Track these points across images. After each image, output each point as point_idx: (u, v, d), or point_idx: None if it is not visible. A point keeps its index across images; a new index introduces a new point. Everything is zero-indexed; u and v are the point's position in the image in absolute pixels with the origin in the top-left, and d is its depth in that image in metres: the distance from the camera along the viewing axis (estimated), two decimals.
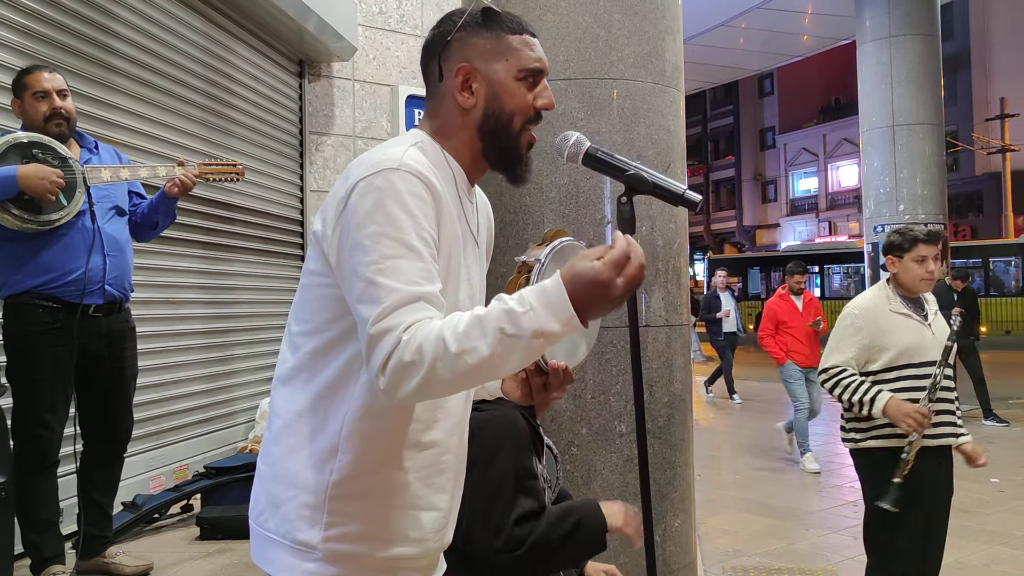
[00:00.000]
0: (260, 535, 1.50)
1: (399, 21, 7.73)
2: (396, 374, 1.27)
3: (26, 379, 3.50)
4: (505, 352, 1.25)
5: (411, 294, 1.30)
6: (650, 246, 3.42)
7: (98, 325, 3.62)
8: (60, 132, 3.55)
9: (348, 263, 1.35)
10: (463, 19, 1.53)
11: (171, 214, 3.90)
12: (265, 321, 6.49)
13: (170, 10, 5.36)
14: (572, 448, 3.35)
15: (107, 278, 3.59)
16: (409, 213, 1.35)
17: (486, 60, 1.52)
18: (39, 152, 3.44)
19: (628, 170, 1.60)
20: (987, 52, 32.90)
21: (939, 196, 10.90)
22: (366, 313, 1.30)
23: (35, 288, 3.45)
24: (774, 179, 42.83)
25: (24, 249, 3.45)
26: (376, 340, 1.28)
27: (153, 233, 3.95)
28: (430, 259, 1.36)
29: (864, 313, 3.41)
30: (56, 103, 3.55)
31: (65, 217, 3.45)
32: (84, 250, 3.51)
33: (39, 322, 3.46)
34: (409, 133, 1.57)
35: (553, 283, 1.27)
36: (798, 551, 5.02)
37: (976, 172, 32.75)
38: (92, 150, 3.74)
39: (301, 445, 1.46)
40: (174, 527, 4.75)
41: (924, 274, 3.32)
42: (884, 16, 10.97)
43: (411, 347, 1.26)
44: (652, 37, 3.51)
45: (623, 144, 3.40)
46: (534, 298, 1.26)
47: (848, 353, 3.39)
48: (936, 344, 3.32)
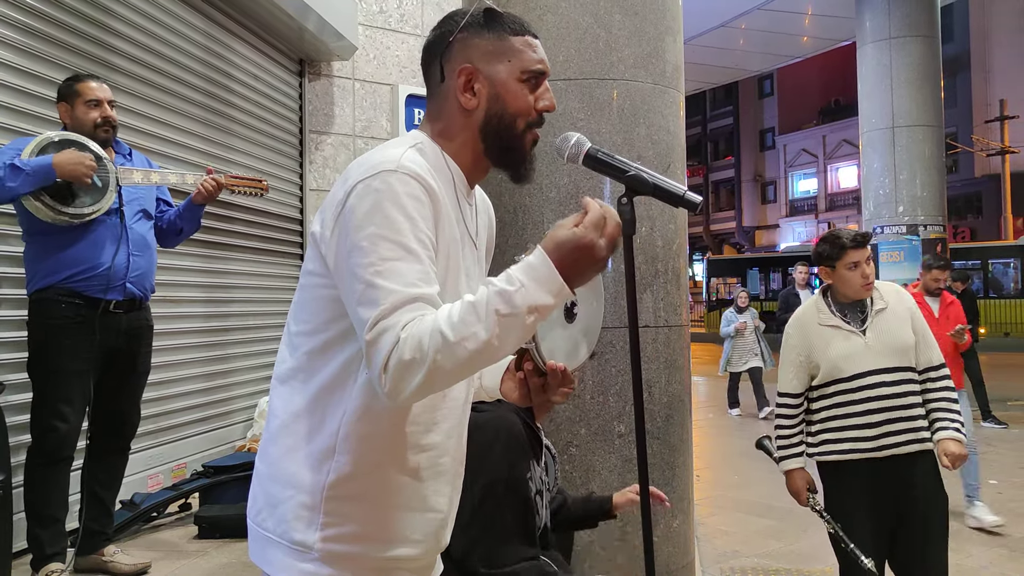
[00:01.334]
0: (258, 534, 1.50)
1: (399, 20, 7.73)
2: (398, 373, 1.27)
3: (46, 371, 3.58)
4: (503, 333, 1.28)
5: (409, 296, 1.31)
6: (650, 247, 3.42)
7: (118, 321, 3.71)
8: (107, 138, 3.74)
9: (346, 265, 1.35)
10: (465, 20, 1.53)
11: (196, 221, 4.05)
12: (264, 320, 6.48)
13: (170, 9, 5.35)
14: (571, 448, 3.35)
15: (129, 275, 3.70)
16: (407, 215, 1.35)
17: (488, 61, 1.52)
18: (76, 149, 3.55)
19: (628, 171, 1.60)
20: (987, 54, 32.92)
21: (938, 198, 10.91)
22: (365, 315, 1.30)
23: (59, 282, 3.55)
24: (774, 180, 42.86)
25: (54, 243, 3.55)
26: (375, 342, 1.29)
27: (178, 239, 4.10)
28: (428, 261, 1.36)
29: (796, 330, 3.27)
30: (107, 112, 3.75)
31: (97, 212, 3.57)
32: (111, 246, 3.63)
33: (61, 316, 3.55)
34: (409, 135, 1.56)
35: (538, 257, 1.31)
36: (796, 552, 5.02)
37: (976, 174, 32.78)
38: (126, 156, 3.90)
39: (298, 445, 1.46)
40: (172, 526, 4.75)
41: (860, 279, 3.13)
42: (884, 18, 10.98)
43: (410, 344, 1.26)
44: (652, 38, 3.51)
45: (623, 144, 3.40)
46: (522, 275, 1.29)
47: (790, 373, 3.23)
48: (873, 350, 3.10)
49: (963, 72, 33.04)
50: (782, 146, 41.94)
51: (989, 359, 14.09)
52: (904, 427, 3.09)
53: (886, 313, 3.17)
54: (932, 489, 3.13)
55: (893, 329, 3.15)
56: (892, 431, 3.08)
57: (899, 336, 3.14)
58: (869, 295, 3.20)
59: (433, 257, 1.38)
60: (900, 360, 3.11)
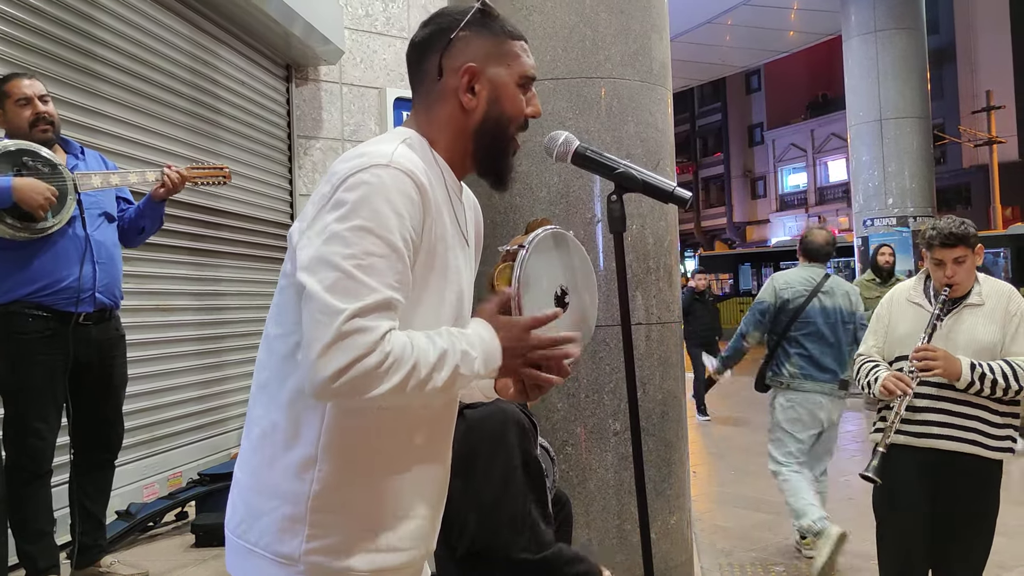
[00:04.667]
0: (238, 546, 1.47)
1: (386, 24, 7.72)
2: (361, 379, 1.27)
3: (18, 388, 3.49)
4: (448, 385, 1.36)
5: (387, 299, 1.30)
6: (641, 244, 3.42)
7: (88, 333, 3.60)
8: (46, 137, 3.55)
9: (320, 250, 1.32)
10: (467, 18, 1.51)
11: (158, 219, 3.89)
12: (256, 327, 6.46)
13: (155, 16, 5.33)
14: (567, 448, 3.35)
15: (97, 286, 3.58)
16: (396, 211, 1.34)
17: (490, 63, 1.51)
18: (29, 160, 3.43)
19: (617, 168, 1.60)
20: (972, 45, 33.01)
21: (927, 189, 10.95)
22: (339, 304, 1.27)
23: (26, 297, 3.44)
24: (763, 175, 42.90)
25: (16, 257, 3.44)
26: (347, 336, 1.26)
27: (140, 238, 3.94)
28: (408, 263, 1.35)
29: (887, 301, 3.28)
30: (39, 108, 3.54)
31: (57, 225, 3.45)
32: (76, 258, 3.50)
33: (31, 331, 3.45)
34: (396, 130, 1.55)
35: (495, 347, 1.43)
36: (794, 546, 5.02)
37: (964, 164, 32.85)
38: (79, 156, 3.73)
39: (279, 455, 1.43)
40: (169, 535, 4.73)
41: (942, 278, 3.06)
42: (869, 11, 11.01)
43: (389, 361, 1.28)
44: (639, 36, 3.51)
45: (612, 143, 3.41)
46: (479, 347, 1.40)
47: (870, 341, 3.28)
48: (941, 340, 3.03)
49: (949, 64, 33.12)
50: (771, 141, 41.97)
51: None
52: (945, 421, 3.04)
53: (979, 310, 3.07)
54: (971, 490, 3.08)
55: (975, 327, 3.05)
56: (933, 421, 3.06)
57: (976, 335, 3.04)
58: (954, 295, 3.07)
59: (412, 258, 1.37)
60: (970, 356, 2.99)
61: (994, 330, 3.04)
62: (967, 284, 3.08)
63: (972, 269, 3.08)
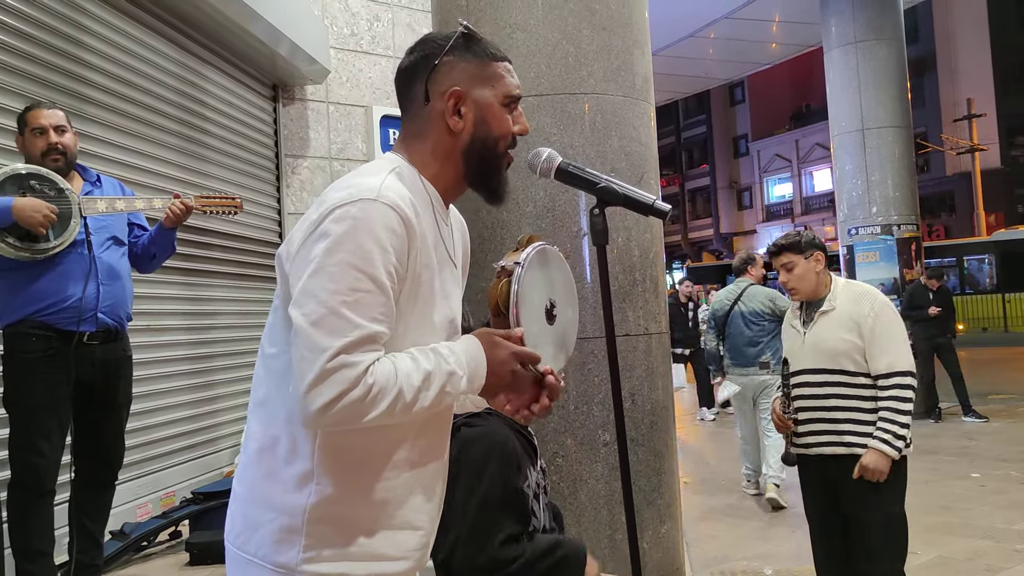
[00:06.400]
0: (238, 557, 1.51)
1: (371, 42, 7.78)
2: (349, 410, 1.34)
3: (21, 407, 3.53)
4: (436, 403, 1.43)
5: (372, 333, 1.36)
6: (627, 256, 3.47)
7: (92, 353, 3.63)
8: (57, 167, 3.61)
9: (306, 283, 1.37)
10: (450, 43, 1.55)
11: (169, 246, 3.97)
12: (247, 345, 6.48)
13: (143, 39, 5.38)
14: (557, 459, 3.38)
15: (100, 306, 3.62)
16: (381, 246, 1.38)
17: (475, 85, 1.55)
18: (36, 183, 3.50)
19: (599, 183, 1.65)
20: (952, 54, 33.35)
21: (910, 197, 11.02)
22: (325, 342, 1.33)
23: (30, 316, 3.49)
24: (749, 186, 43.12)
25: (21, 277, 3.50)
26: (333, 372, 1.33)
27: (152, 264, 4.02)
28: (392, 296, 1.40)
29: (785, 321, 3.58)
30: (52, 139, 3.61)
31: (60, 246, 3.50)
32: (79, 277, 3.55)
33: (33, 350, 3.50)
34: (385, 158, 1.59)
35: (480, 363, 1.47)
36: (784, 553, 5.06)
37: (947, 172, 33.14)
38: (94, 183, 3.81)
39: (277, 468, 1.47)
40: (163, 554, 4.73)
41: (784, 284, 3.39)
42: (849, 22, 11.10)
43: (371, 392, 1.35)
44: (621, 51, 3.57)
45: (596, 157, 3.46)
46: (467, 366, 1.45)
47: None
48: (807, 351, 3.30)
49: (930, 73, 33.45)
50: (756, 152, 42.22)
51: (968, 355, 14.24)
52: (825, 428, 3.26)
53: (830, 315, 3.28)
54: (866, 490, 3.18)
55: (828, 332, 3.27)
56: (814, 431, 3.28)
57: (830, 339, 3.25)
58: (799, 299, 3.38)
59: (396, 291, 1.42)
60: (829, 363, 3.24)
61: (843, 335, 3.22)
62: (807, 288, 3.33)
63: (809, 275, 3.31)
